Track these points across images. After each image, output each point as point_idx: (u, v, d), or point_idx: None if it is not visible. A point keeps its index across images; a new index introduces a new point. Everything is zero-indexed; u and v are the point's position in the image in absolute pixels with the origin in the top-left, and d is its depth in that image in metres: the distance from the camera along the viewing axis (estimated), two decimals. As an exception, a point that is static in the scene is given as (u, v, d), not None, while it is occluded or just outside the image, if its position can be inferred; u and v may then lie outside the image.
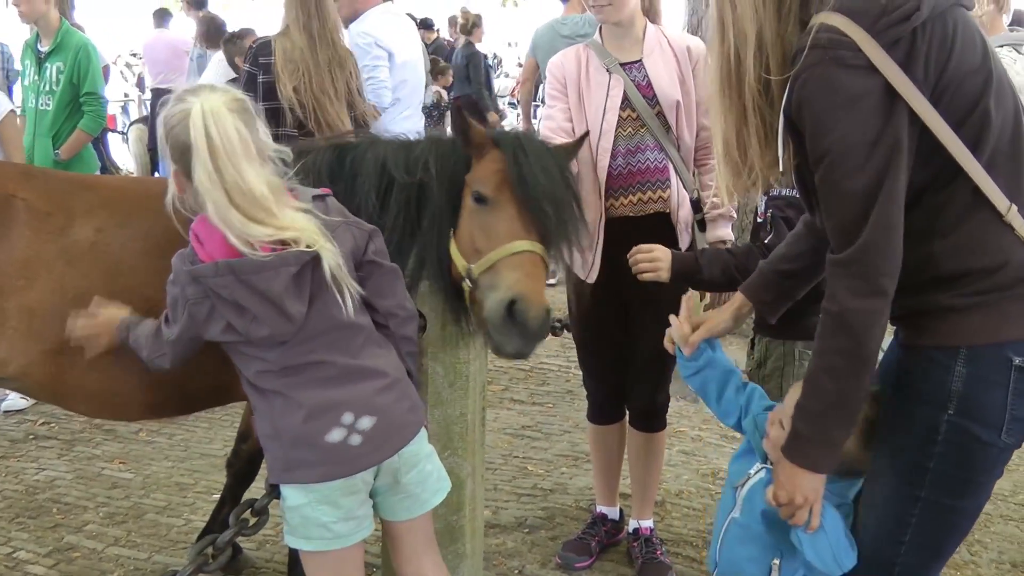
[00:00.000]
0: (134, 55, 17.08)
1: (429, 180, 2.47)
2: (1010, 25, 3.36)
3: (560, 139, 2.92)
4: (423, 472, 2.21)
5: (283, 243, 2.02)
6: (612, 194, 2.98)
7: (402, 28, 4.84)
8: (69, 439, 4.51)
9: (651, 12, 3.07)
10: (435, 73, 9.61)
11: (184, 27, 8.87)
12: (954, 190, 1.73)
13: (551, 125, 3.05)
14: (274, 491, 2.21)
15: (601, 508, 3.50)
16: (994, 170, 1.71)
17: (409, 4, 5.85)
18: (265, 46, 4.15)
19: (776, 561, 2.03)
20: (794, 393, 1.91)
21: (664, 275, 2.59)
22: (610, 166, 2.96)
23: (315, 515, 2.09)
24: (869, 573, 1.93)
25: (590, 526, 3.48)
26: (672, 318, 2.30)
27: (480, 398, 2.76)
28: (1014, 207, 1.72)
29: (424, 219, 2.46)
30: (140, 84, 15.09)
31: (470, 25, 10.29)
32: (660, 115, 2.97)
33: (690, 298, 2.34)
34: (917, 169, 1.70)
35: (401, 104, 4.76)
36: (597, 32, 3.06)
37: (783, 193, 2.60)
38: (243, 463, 3.12)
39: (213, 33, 7.69)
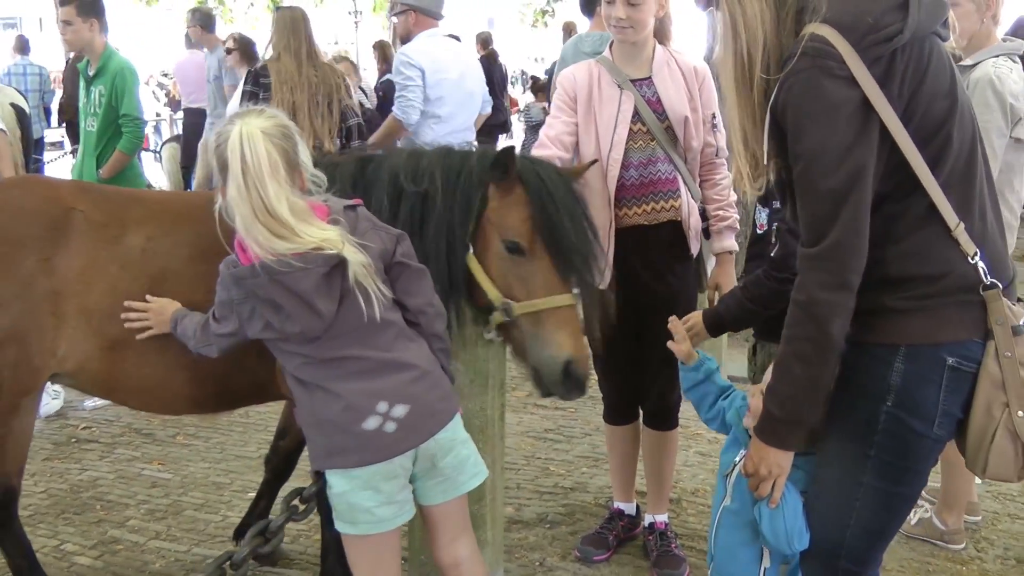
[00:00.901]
0: (165, 75, 17.46)
1: (434, 191, 2.58)
2: (1005, 35, 3.48)
3: (552, 150, 3.09)
4: (459, 456, 2.38)
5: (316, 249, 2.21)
6: (626, 204, 3.14)
7: (441, 48, 5.29)
8: (110, 442, 4.73)
9: (660, 33, 3.22)
10: (535, 90, 10.07)
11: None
12: (911, 202, 1.89)
13: (550, 133, 3.19)
14: (320, 478, 2.38)
15: (618, 504, 3.65)
16: (949, 189, 1.88)
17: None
18: (265, 68, 4.90)
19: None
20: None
21: (701, 337, 2.69)
22: (624, 177, 3.12)
23: (358, 500, 2.26)
24: (818, 554, 2.10)
25: (608, 521, 3.63)
26: (671, 344, 2.52)
27: (498, 394, 2.92)
28: (962, 224, 1.88)
29: (430, 227, 2.57)
30: (172, 104, 15.40)
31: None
32: (669, 129, 3.13)
33: (675, 322, 2.54)
34: (881, 179, 1.86)
35: (443, 122, 5.18)
36: (608, 49, 3.23)
37: None
38: (281, 459, 3.30)
39: (250, 54, 7.73)
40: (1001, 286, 1.89)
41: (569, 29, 8.06)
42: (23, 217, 2.72)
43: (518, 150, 2.70)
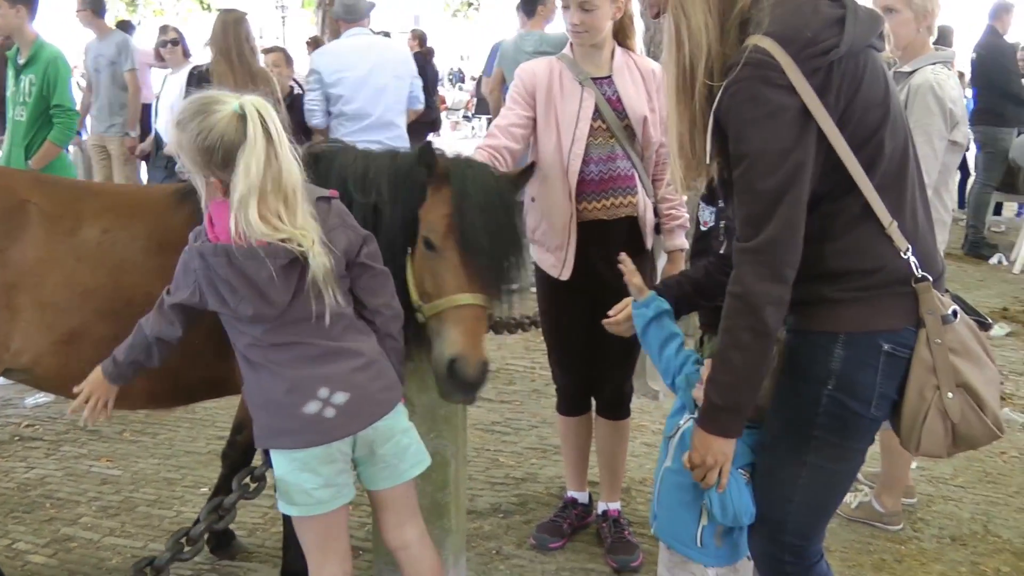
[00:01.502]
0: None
1: (382, 203, 2.58)
2: (935, 43, 3.64)
3: (500, 140, 3.12)
4: (399, 445, 2.43)
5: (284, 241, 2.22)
6: (586, 198, 3.21)
7: (348, 48, 5.61)
8: (54, 440, 4.66)
9: (621, 35, 3.30)
10: None
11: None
12: (847, 202, 2.01)
13: (500, 123, 3.22)
14: (267, 458, 2.42)
15: (571, 493, 3.73)
16: (882, 190, 2.01)
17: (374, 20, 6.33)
18: (205, 73, 5.38)
19: (705, 502, 2.26)
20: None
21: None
22: (584, 172, 3.19)
23: (297, 482, 2.31)
24: (764, 530, 2.23)
25: (561, 510, 3.71)
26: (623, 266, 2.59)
27: (463, 384, 2.96)
28: (895, 223, 2.01)
29: (382, 238, 2.51)
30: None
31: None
32: (628, 128, 3.21)
33: (625, 257, 2.62)
34: (818, 180, 1.97)
35: (352, 119, 5.45)
36: (568, 48, 3.29)
37: None
38: (238, 454, 3.29)
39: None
40: (931, 279, 2.03)
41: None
42: None
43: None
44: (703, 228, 3.04)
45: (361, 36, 5.69)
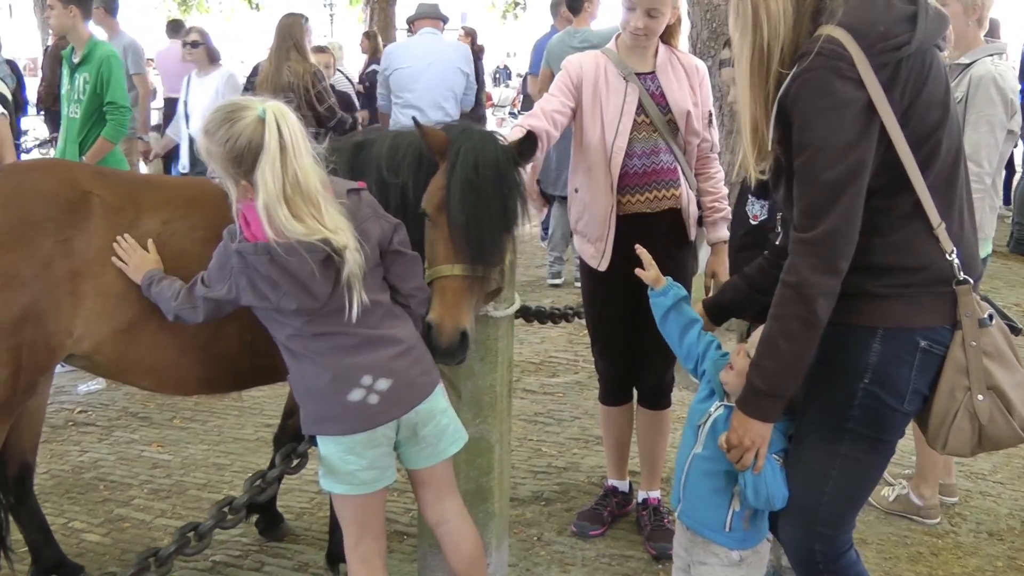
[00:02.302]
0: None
1: (408, 183, 2.66)
2: (986, 36, 3.66)
3: (541, 122, 3.13)
4: (440, 425, 2.51)
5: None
6: (629, 191, 3.27)
7: (412, 44, 6.60)
8: (107, 425, 4.80)
9: (667, 34, 3.34)
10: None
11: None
12: (899, 200, 2.04)
13: (545, 107, 3.22)
14: (312, 439, 2.52)
15: (612, 481, 3.79)
16: (934, 190, 2.03)
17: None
18: (256, 68, 6.05)
19: (737, 487, 2.31)
20: (758, 332, 2.20)
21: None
22: (627, 166, 3.25)
23: (343, 464, 2.40)
24: (797, 518, 2.27)
25: (602, 498, 3.77)
26: (638, 271, 2.64)
27: (507, 371, 3.03)
28: (943, 224, 2.04)
29: (410, 219, 2.59)
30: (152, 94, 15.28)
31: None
32: (671, 122, 3.26)
33: (641, 248, 2.66)
34: (874, 175, 2.00)
35: (409, 105, 6.16)
36: (613, 42, 3.35)
37: None
38: (289, 438, 3.36)
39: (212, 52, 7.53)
40: (972, 282, 2.06)
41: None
42: (42, 199, 2.76)
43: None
44: (752, 223, 3.07)
45: (429, 35, 6.48)
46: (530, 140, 2.65)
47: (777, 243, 2.63)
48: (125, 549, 3.54)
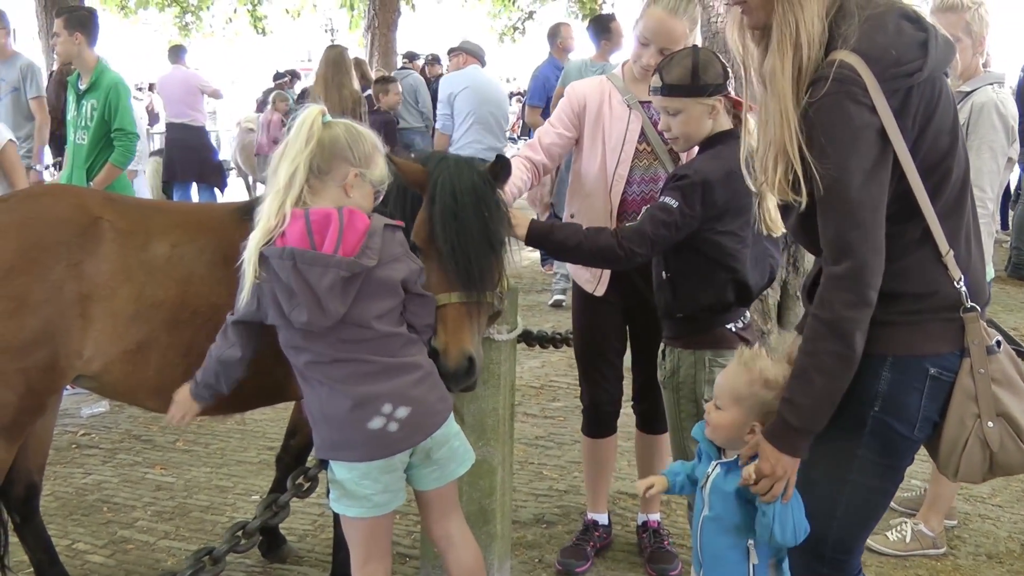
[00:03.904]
0: (140, 88, 17.45)
1: (395, 215, 2.65)
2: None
3: (539, 156, 3.26)
4: (452, 448, 2.56)
5: None
6: (627, 218, 3.29)
7: (467, 77, 7.43)
8: (110, 448, 4.83)
9: None
10: None
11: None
12: (909, 227, 2.03)
13: (544, 141, 3.32)
14: (323, 462, 2.54)
15: (592, 515, 3.73)
16: (943, 217, 2.04)
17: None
18: (306, 91, 6.30)
19: (750, 541, 2.30)
20: (735, 373, 2.24)
21: None
22: (627, 192, 3.29)
23: (358, 488, 2.43)
24: (807, 545, 2.23)
25: (583, 533, 3.70)
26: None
27: (509, 395, 3.08)
28: (951, 252, 2.04)
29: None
30: (150, 118, 15.39)
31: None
32: (671, 151, 3.28)
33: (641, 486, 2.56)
34: (887, 203, 1.99)
35: (465, 131, 7.13)
36: (619, 69, 3.40)
37: None
38: (292, 458, 3.42)
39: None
40: (979, 309, 2.06)
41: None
42: (54, 224, 2.83)
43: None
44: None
45: (470, 70, 7.50)
46: (501, 162, 2.70)
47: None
48: (129, 571, 3.57)
